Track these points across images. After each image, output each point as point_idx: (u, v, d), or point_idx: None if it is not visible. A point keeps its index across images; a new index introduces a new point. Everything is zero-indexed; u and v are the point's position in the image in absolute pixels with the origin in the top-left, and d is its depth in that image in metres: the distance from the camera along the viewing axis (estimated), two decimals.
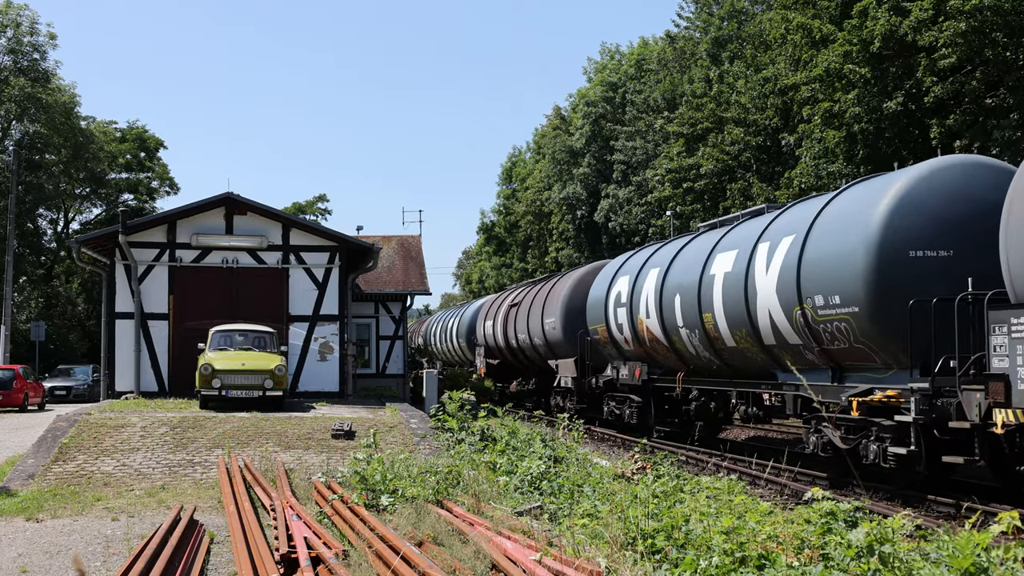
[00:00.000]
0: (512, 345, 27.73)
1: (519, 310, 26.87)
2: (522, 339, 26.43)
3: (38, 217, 48.55)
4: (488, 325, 31.05)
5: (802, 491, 12.17)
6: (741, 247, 14.31)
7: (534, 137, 72.31)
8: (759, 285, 13.33)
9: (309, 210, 64.23)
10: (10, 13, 44.25)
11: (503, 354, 29.34)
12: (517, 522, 8.22)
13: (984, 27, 23.25)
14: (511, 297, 29.56)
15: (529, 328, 25.43)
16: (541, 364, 25.52)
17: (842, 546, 5.32)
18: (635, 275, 18.41)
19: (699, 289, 15.21)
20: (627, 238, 49.23)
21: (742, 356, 14.50)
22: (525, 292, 27.93)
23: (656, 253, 18.43)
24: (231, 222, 21.73)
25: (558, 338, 23.03)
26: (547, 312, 23.90)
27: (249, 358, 18.24)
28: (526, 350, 26.43)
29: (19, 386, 27.16)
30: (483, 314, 32.61)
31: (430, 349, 45.27)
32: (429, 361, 45.25)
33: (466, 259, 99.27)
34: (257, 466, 12.81)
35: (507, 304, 28.90)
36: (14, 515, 10.24)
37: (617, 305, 19.05)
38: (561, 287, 23.68)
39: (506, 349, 28.68)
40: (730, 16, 44.12)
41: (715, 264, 14.93)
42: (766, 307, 13.16)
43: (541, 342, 24.54)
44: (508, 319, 28.09)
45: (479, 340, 32.36)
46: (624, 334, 18.81)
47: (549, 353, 24.17)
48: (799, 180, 30.29)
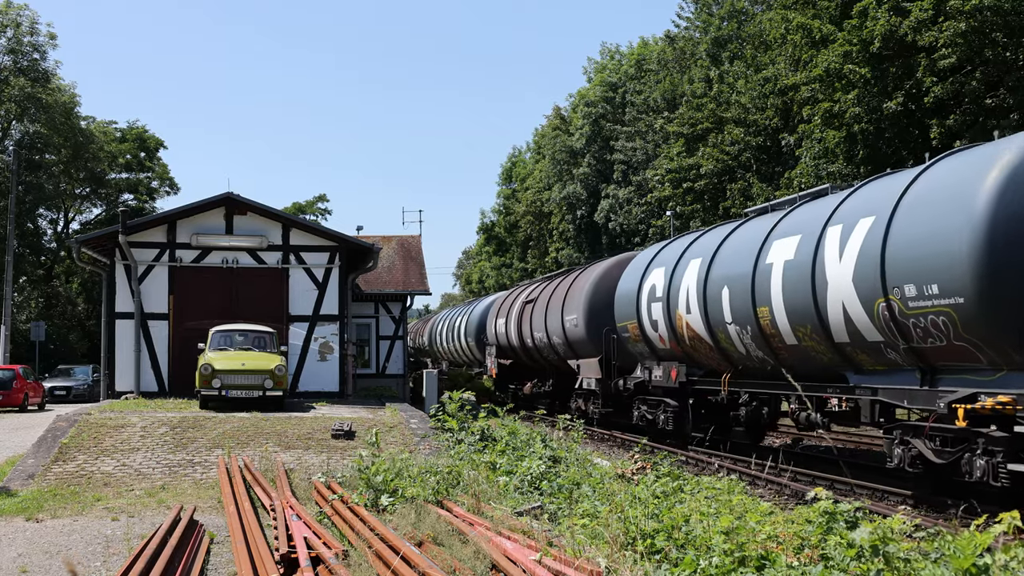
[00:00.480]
0: (527, 344, 26.08)
1: (535, 307, 25.16)
2: (538, 338, 24.71)
3: (38, 217, 48.57)
4: (500, 323, 29.27)
5: (802, 491, 12.16)
6: (805, 232, 12.58)
7: (534, 137, 72.40)
8: (830, 274, 11.66)
9: (309, 210, 64.25)
10: (10, 13, 44.27)
11: (517, 354, 27.66)
12: (517, 522, 8.22)
13: (984, 27, 23.27)
14: (526, 293, 27.72)
15: (547, 326, 23.73)
16: (559, 364, 24.01)
17: (842, 546, 5.32)
18: (672, 267, 16.58)
19: (752, 280, 13.48)
20: (627, 238, 49.25)
21: (804, 355, 12.81)
22: (542, 288, 25.99)
23: (696, 242, 16.49)
24: (231, 222, 21.73)
25: (580, 336, 21.35)
26: (568, 308, 22.05)
27: (249, 358, 18.24)
28: (543, 349, 24.69)
29: (19, 386, 27.16)
30: (494, 311, 30.77)
31: (435, 349, 43.43)
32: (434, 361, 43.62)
33: (466, 259, 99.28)
34: (257, 466, 12.81)
35: (521, 301, 27.18)
36: (14, 515, 10.24)
37: (651, 300, 17.20)
38: (583, 281, 21.82)
39: (520, 349, 27.01)
40: (730, 16, 44.14)
41: (772, 252, 13.23)
42: (838, 299, 11.51)
43: (560, 341, 22.79)
44: (523, 317, 26.43)
45: (490, 339, 30.60)
46: (659, 331, 17.01)
47: (569, 352, 22.52)
48: (799, 180, 30.30)
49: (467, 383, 30.94)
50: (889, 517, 5.71)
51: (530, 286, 28.72)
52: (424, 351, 47.22)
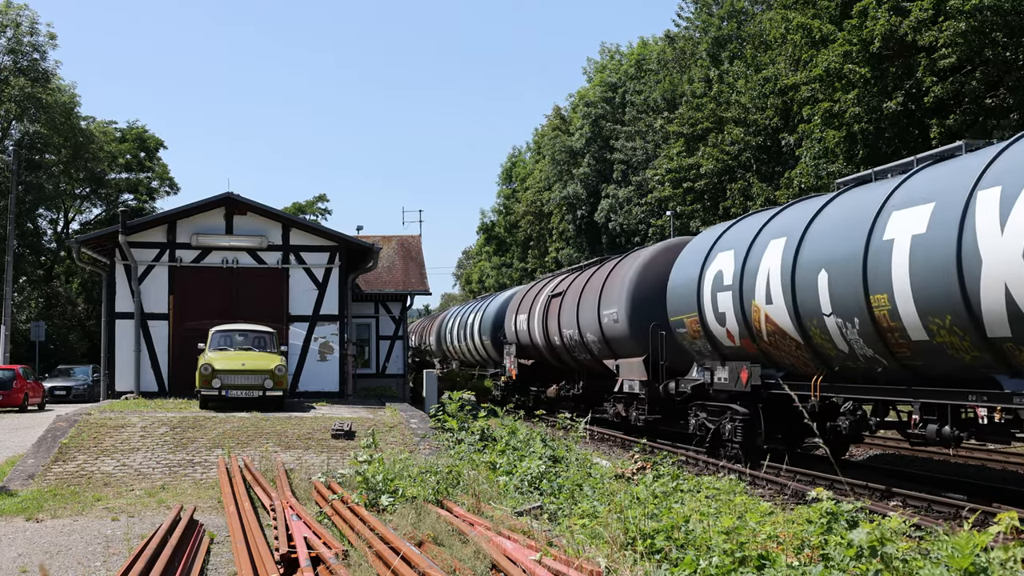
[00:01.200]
0: (553, 343, 23.37)
1: (563, 301, 22.51)
2: (568, 335, 22.05)
3: (38, 217, 48.59)
4: (521, 320, 26.53)
5: (803, 491, 12.17)
6: (940, 199, 10.17)
7: (534, 137, 72.43)
8: (986, 250, 9.27)
9: (309, 210, 64.28)
10: (10, 13, 44.27)
11: (540, 353, 25.05)
12: (517, 522, 8.22)
13: (984, 27, 23.28)
14: (551, 286, 24.83)
15: (579, 322, 21.01)
16: (592, 365, 21.49)
17: (842, 546, 5.33)
18: (744, 249, 13.99)
19: (864, 262, 11.04)
20: (627, 238, 49.26)
21: (935, 354, 10.32)
22: (571, 280, 23.27)
23: (776, 219, 13.90)
24: (231, 222, 21.73)
25: (620, 333, 18.73)
26: (605, 302, 19.40)
27: (249, 358, 18.24)
28: (573, 348, 22.02)
29: (19, 386, 27.16)
30: (514, 307, 27.95)
31: (445, 348, 40.01)
32: (443, 362, 40.82)
33: (466, 259, 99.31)
34: (257, 466, 12.81)
35: (547, 295, 24.49)
36: (14, 515, 10.24)
37: (717, 289, 14.55)
38: (624, 271, 19.18)
39: (545, 347, 24.27)
40: (730, 16, 44.15)
41: (892, 225, 10.76)
42: (1000, 282, 9.11)
43: (595, 338, 20.11)
44: (548, 312, 23.78)
45: (509, 337, 27.79)
46: (727, 326, 14.38)
47: (606, 351, 19.91)
48: (799, 180, 30.31)
49: (467, 383, 30.96)
50: (888, 517, 5.72)
51: (555, 279, 25.95)
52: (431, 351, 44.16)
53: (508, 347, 27.74)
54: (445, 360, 40.63)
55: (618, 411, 19.89)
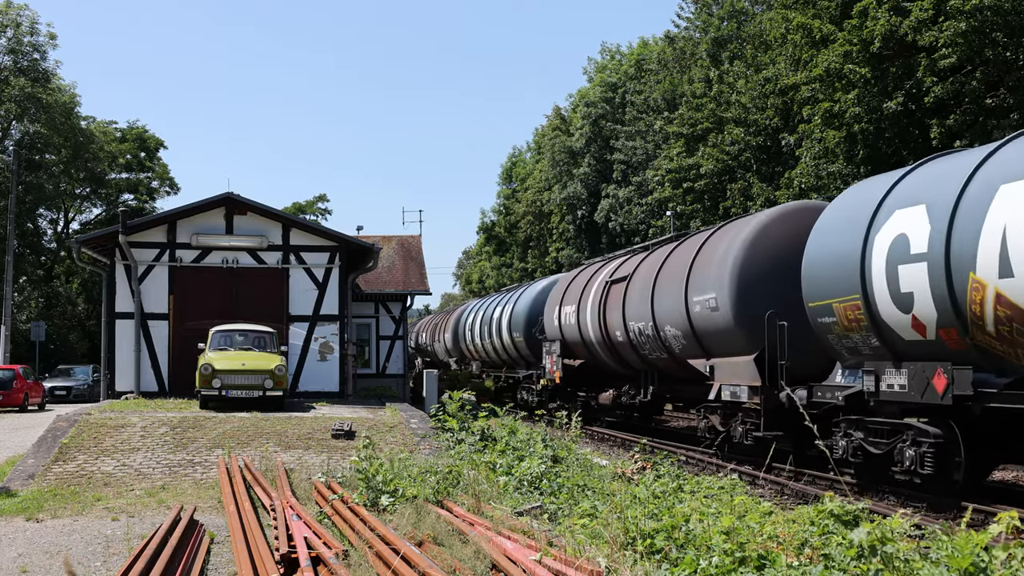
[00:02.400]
0: (613, 339, 19.28)
1: (629, 287, 18.46)
2: (636, 329, 17.89)
3: (38, 217, 48.59)
4: (567, 312, 22.29)
5: (803, 491, 12.17)
6: None
7: (534, 137, 72.47)
8: None
9: (309, 210, 64.31)
10: (10, 13, 44.29)
11: (593, 352, 20.95)
12: (517, 522, 8.23)
13: (984, 27, 23.27)
14: (608, 270, 20.65)
15: (654, 312, 16.82)
16: (669, 366, 17.42)
17: (843, 546, 5.33)
18: (951, 201, 9.95)
19: None
20: (627, 238, 49.28)
21: None
22: (637, 261, 19.11)
23: (993, 158, 9.94)
24: (231, 222, 21.74)
25: (720, 324, 14.55)
26: (695, 285, 15.25)
27: (249, 358, 18.25)
28: (642, 345, 17.89)
29: (19, 386, 27.17)
30: (556, 297, 23.76)
31: (464, 347, 35.42)
32: (461, 362, 36.61)
33: (466, 259, 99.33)
34: (257, 466, 12.81)
35: (602, 281, 20.35)
36: (14, 515, 10.24)
37: (899, 260, 10.64)
38: (724, 245, 14.86)
39: (600, 344, 20.10)
40: (730, 16, 44.15)
41: None
42: None
43: (679, 332, 16.03)
44: (607, 302, 19.63)
45: (550, 333, 23.85)
46: (915, 311, 10.47)
47: (692, 348, 15.78)
48: (799, 180, 30.31)
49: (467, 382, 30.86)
50: (889, 517, 5.71)
51: (610, 262, 21.86)
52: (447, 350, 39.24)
53: (549, 345, 23.62)
54: (463, 360, 36.29)
55: (712, 424, 15.54)
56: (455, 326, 37.46)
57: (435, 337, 42.15)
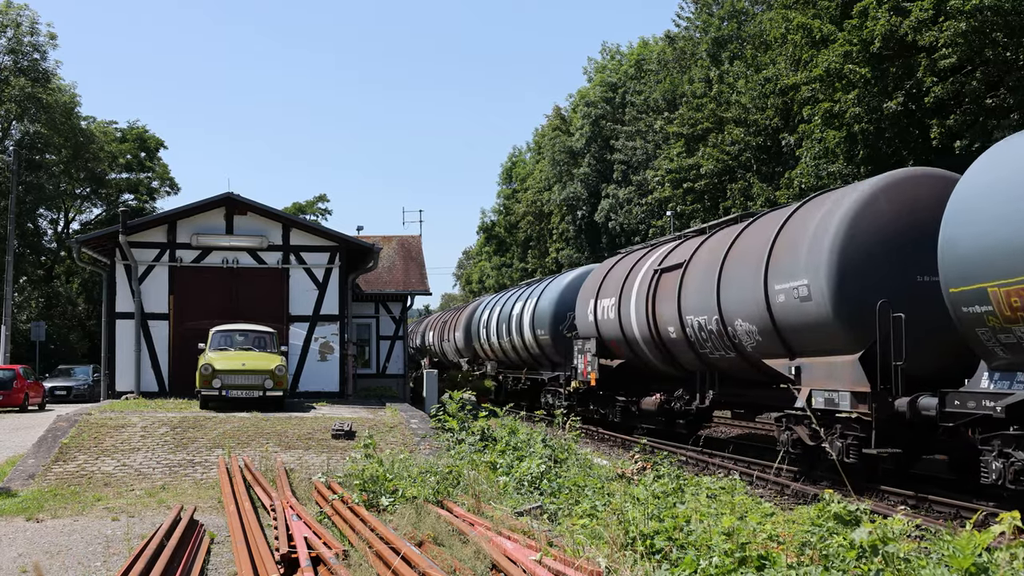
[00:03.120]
0: (665, 335, 16.76)
1: (686, 276, 15.97)
2: (694, 324, 15.45)
3: (38, 217, 48.60)
4: (605, 306, 19.84)
5: (804, 491, 12.16)
6: None
7: (534, 137, 72.48)
8: None
9: (309, 210, 64.34)
10: (10, 13, 44.29)
11: (637, 351, 18.50)
12: (517, 522, 8.23)
13: (984, 27, 23.27)
14: (656, 256, 18.24)
15: (720, 303, 14.35)
16: (736, 366, 14.87)
17: (844, 547, 5.32)
18: None
19: None
20: (627, 238, 49.29)
21: None
22: (695, 245, 16.51)
23: None
24: (231, 222, 21.74)
25: (812, 317, 12.06)
26: (778, 270, 12.81)
27: (249, 358, 18.24)
28: (702, 342, 15.39)
29: (19, 386, 27.17)
30: (591, 289, 21.15)
31: (477, 346, 32.75)
32: (474, 362, 33.95)
33: (466, 259, 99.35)
34: (257, 466, 12.81)
35: (649, 268, 18.01)
36: (14, 515, 10.24)
37: None
38: (817, 222, 12.35)
39: (647, 342, 17.63)
40: (730, 16, 44.16)
41: None
42: None
43: (753, 326, 13.53)
44: (657, 293, 17.16)
45: (583, 330, 21.32)
46: None
47: (772, 345, 13.26)
48: (799, 180, 30.31)
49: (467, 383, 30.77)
50: (890, 517, 5.71)
51: (656, 248, 19.32)
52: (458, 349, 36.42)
53: (582, 343, 20.99)
54: (476, 361, 33.56)
55: (796, 436, 12.94)
56: (467, 324, 34.69)
57: (444, 336, 39.55)
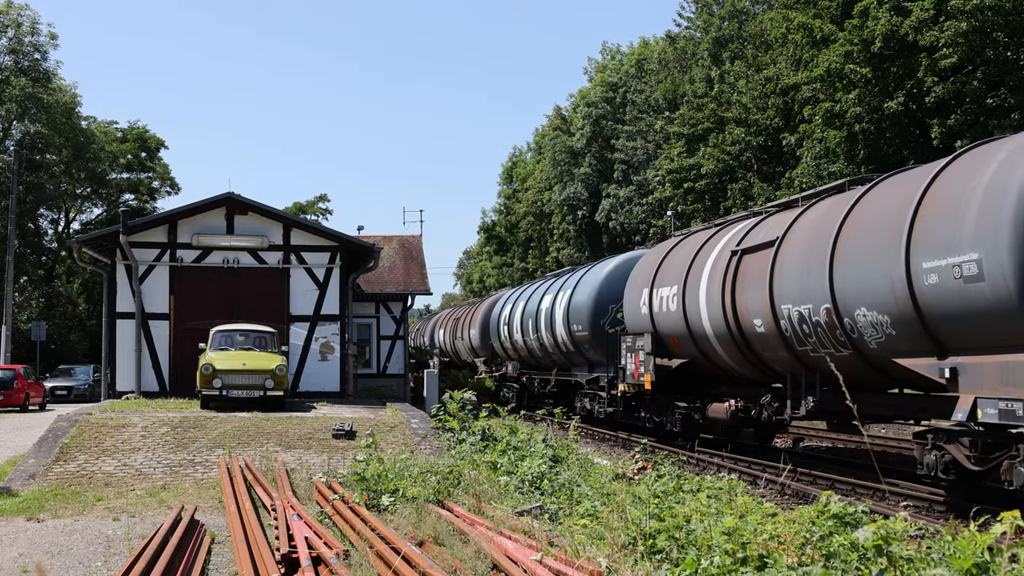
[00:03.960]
0: (749, 329, 13.76)
1: (779, 256, 12.97)
2: (792, 315, 12.52)
3: (39, 217, 48.60)
4: (664, 296, 16.73)
5: (804, 491, 12.16)
6: None
7: (535, 137, 72.51)
8: None
9: (310, 210, 64.34)
10: (11, 13, 44.29)
11: (705, 348, 15.40)
12: (518, 522, 8.22)
13: (985, 27, 23.28)
14: (730, 236, 15.10)
15: (835, 290, 11.54)
16: (854, 366, 11.63)
17: (845, 547, 5.32)
18: None
19: None
20: (628, 237, 49.29)
21: None
22: (785, 221, 13.48)
23: None
24: (232, 222, 21.74)
25: (980, 303, 9.44)
26: (927, 246, 10.09)
27: (250, 358, 18.24)
28: (803, 337, 12.44)
29: (20, 386, 27.17)
30: (644, 277, 17.94)
31: (498, 344, 29.74)
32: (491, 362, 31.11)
33: (467, 259, 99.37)
34: (258, 466, 12.81)
35: (723, 250, 14.95)
36: (15, 515, 10.24)
37: None
38: (991, 174, 9.54)
39: (723, 338, 14.53)
40: (731, 16, 44.17)
41: None
42: None
43: (886, 316, 10.79)
44: (737, 279, 14.13)
45: (635, 325, 18.18)
46: None
47: (912, 340, 10.61)
48: (800, 180, 30.30)
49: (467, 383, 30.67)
50: (891, 517, 5.71)
51: (727, 226, 16.10)
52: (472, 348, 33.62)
53: (633, 340, 18.03)
54: (494, 360, 30.78)
55: (951, 459, 10.49)
56: (484, 321, 31.95)
57: (457, 334, 36.60)
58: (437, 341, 41.42)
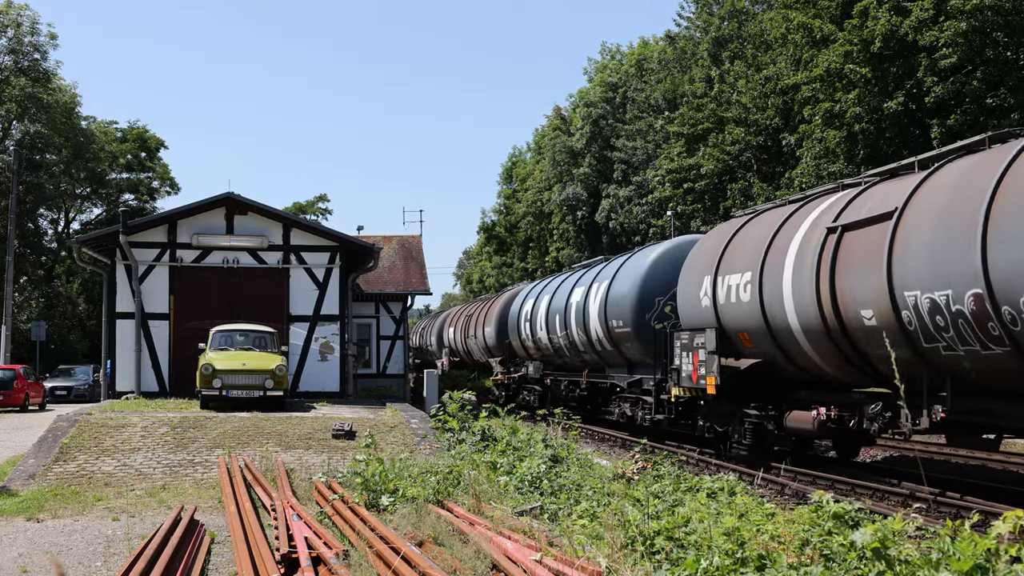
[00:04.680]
0: (853, 321, 11.25)
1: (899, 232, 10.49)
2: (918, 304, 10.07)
3: (39, 217, 48.59)
4: (733, 285, 13.98)
5: (804, 491, 12.16)
6: None
7: (534, 137, 72.47)
8: None
9: (310, 210, 64.34)
10: (11, 13, 44.29)
11: (790, 344, 12.72)
12: (517, 522, 8.22)
13: (985, 27, 23.29)
14: (823, 210, 12.50)
15: (989, 269, 9.14)
16: (995, 368, 9.62)
17: (844, 547, 5.32)
18: None
19: None
20: (628, 237, 49.30)
21: None
22: (903, 191, 10.91)
23: None
24: (232, 222, 21.74)
25: None
26: None
27: (250, 358, 18.24)
28: (928, 331, 10.05)
29: (20, 386, 27.17)
30: (708, 263, 14.94)
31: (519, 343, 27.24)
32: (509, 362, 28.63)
33: (466, 259, 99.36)
34: (258, 466, 12.81)
35: (812, 227, 12.44)
36: (15, 515, 10.24)
37: None
38: None
39: (814, 331, 11.97)
40: (731, 16, 44.17)
41: None
42: None
43: None
44: (834, 261, 11.53)
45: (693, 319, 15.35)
46: None
47: None
48: (800, 180, 30.31)
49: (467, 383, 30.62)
50: (890, 517, 5.71)
51: (814, 200, 13.36)
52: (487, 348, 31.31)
53: (690, 337, 15.25)
54: (512, 360, 28.40)
55: None
56: (501, 317, 29.64)
57: (469, 332, 34.05)
58: (446, 340, 39.02)
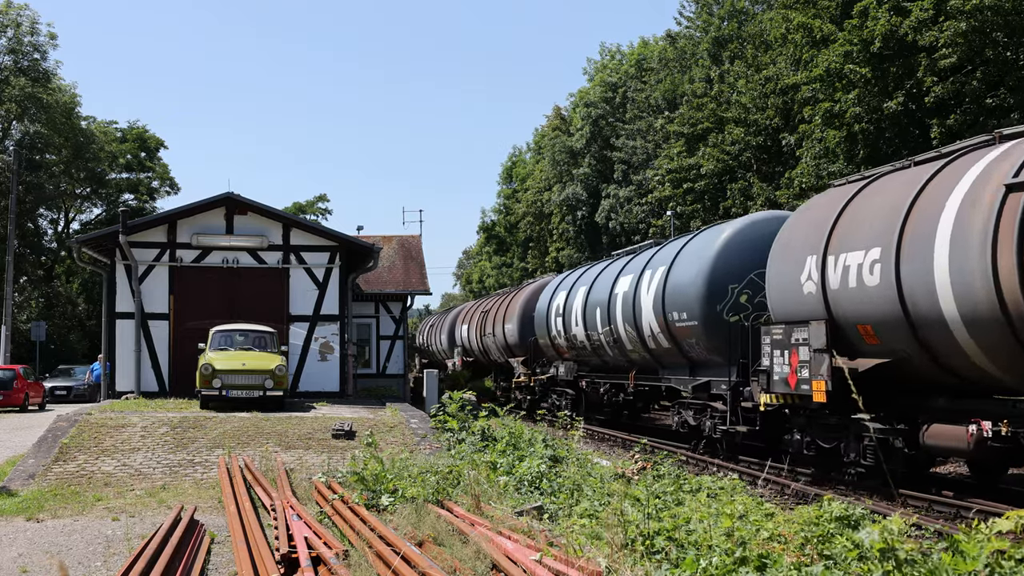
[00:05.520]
0: None
1: None
2: None
3: (38, 217, 48.59)
4: (851, 265, 11.34)
5: (804, 491, 12.15)
6: None
7: (534, 137, 72.45)
8: None
9: (310, 210, 64.33)
10: (10, 13, 44.28)
11: (938, 339, 10.19)
12: (517, 522, 8.22)
13: (985, 27, 23.29)
14: (987, 164, 9.86)
15: None
16: None
17: (846, 548, 5.31)
18: None
19: None
20: (627, 237, 49.29)
21: None
22: None
23: None
24: (231, 222, 21.74)
25: None
26: None
27: (250, 358, 18.24)
28: None
29: (19, 386, 27.16)
30: (810, 240, 12.32)
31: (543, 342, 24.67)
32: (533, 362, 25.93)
33: (466, 259, 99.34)
34: (257, 466, 12.81)
35: (976, 187, 9.72)
36: (15, 515, 10.24)
37: None
38: None
39: (983, 323, 9.43)
40: (730, 16, 44.17)
41: None
42: None
43: None
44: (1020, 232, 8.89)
45: (792, 310, 12.72)
46: None
47: None
48: (799, 180, 30.31)
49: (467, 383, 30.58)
50: (888, 517, 5.71)
51: (979, 153, 10.47)
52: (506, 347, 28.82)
53: (786, 332, 12.62)
54: (537, 360, 25.71)
55: None
56: (525, 312, 26.98)
57: (486, 329, 31.14)
58: (459, 338, 36.05)
